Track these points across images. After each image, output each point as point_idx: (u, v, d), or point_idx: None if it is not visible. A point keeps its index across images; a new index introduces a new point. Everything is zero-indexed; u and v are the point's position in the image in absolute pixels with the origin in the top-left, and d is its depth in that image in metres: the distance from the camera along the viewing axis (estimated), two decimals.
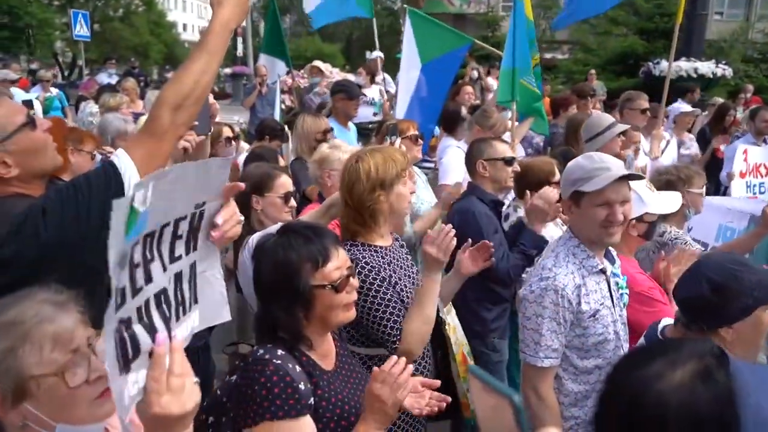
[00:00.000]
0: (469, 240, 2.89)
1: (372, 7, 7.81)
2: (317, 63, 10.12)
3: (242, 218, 1.48)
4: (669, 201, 3.37)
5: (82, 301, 1.42)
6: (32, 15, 33.89)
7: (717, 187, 7.41)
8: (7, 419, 1.29)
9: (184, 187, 1.23)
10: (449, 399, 2.12)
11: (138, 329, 1.16)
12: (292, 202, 3.59)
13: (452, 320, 2.92)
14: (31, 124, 1.97)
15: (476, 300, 3.57)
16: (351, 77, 10.41)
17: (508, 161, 3.70)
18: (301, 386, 1.85)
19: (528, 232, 3.52)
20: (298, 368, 1.89)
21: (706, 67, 11.62)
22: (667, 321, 2.32)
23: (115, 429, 1.40)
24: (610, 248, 2.64)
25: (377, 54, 9.90)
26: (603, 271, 2.52)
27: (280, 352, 1.89)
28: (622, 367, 1.44)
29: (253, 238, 2.81)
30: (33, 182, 1.99)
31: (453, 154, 5.26)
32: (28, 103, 8.56)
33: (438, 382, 2.17)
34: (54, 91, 11.35)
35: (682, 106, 7.77)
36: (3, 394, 1.28)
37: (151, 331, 1.19)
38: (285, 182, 3.50)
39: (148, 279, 1.18)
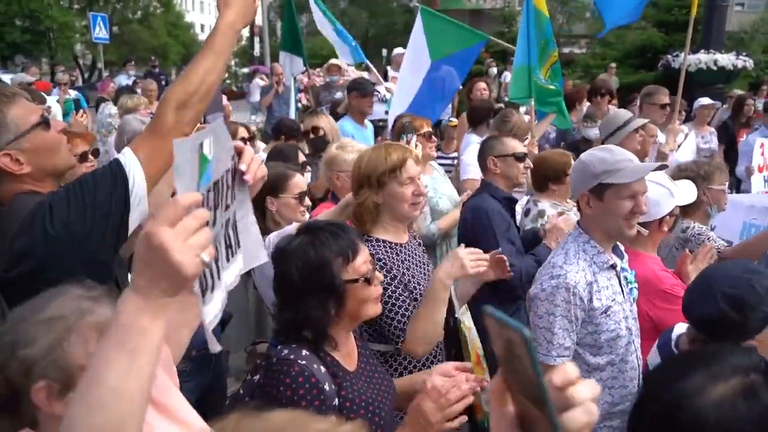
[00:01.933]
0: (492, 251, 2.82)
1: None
2: (335, 61, 10.11)
3: (262, 157, 1.55)
4: (686, 191, 3.38)
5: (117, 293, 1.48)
6: (53, 18, 34.30)
7: (737, 181, 7.32)
8: (53, 411, 1.31)
9: (224, 141, 1.31)
10: (486, 380, 2.05)
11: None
12: (307, 202, 3.61)
13: (468, 321, 2.92)
14: (45, 124, 2.04)
15: (490, 297, 3.55)
16: (366, 75, 10.42)
17: (520, 157, 3.68)
18: (326, 387, 1.85)
19: (543, 246, 3.52)
20: (323, 369, 1.89)
21: (727, 59, 11.42)
22: (680, 329, 2.26)
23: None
24: (619, 243, 2.62)
25: (403, 50, 9.91)
26: (613, 267, 2.51)
27: (304, 352, 1.89)
28: (661, 375, 1.40)
29: (269, 239, 2.84)
30: (46, 180, 2.05)
31: (473, 151, 5.26)
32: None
33: (469, 364, 2.14)
34: (72, 93, 11.49)
35: (702, 100, 7.70)
36: (50, 387, 1.31)
37: (214, 269, 1.26)
38: (299, 182, 3.52)
39: (213, 224, 1.23)
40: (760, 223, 4.27)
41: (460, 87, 7.00)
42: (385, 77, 9.15)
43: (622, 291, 2.54)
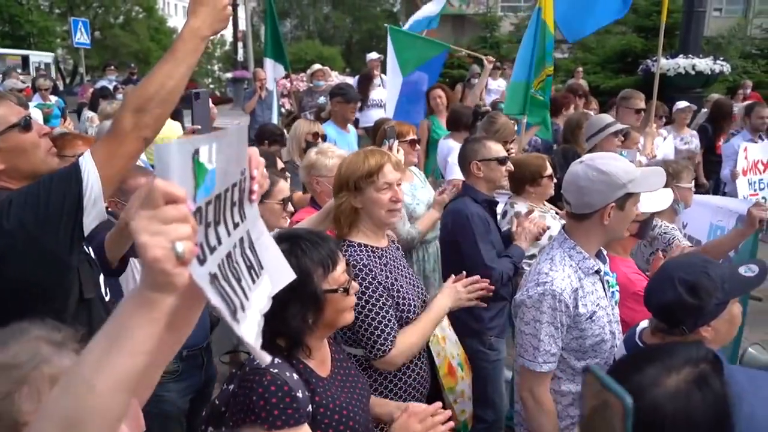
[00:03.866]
0: (463, 273, 2.83)
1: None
2: (318, 66, 10.08)
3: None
4: (658, 199, 3.40)
5: (80, 334, 1.35)
6: (33, 23, 34.05)
7: (717, 184, 7.42)
8: None
9: (236, 151, 1.19)
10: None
11: (228, 285, 1.09)
12: (290, 207, 3.61)
13: (441, 331, 2.89)
14: (23, 125, 2.11)
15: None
16: (350, 80, 10.43)
17: (502, 161, 3.70)
18: (299, 394, 1.84)
19: (515, 247, 3.57)
20: (295, 376, 1.88)
21: (704, 64, 11.55)
22: (644, 324, 2.31)
23: None
24: (602, 248, 2.64)
25: (377, 55, 9.93)
26: (598, 272, 2.51)
27: (276, 360, 1.87)
28: (617, 372, 1.44)
29: None
30: (21, 180, 2.11)
31: (456, 154, 5.32)
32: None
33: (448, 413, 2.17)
34: (53, 99, 11.41)
35: (679, 104, 7.81)
36: None
37: (238, 289, 1.11)
38: (283, 188, 3.51)
39: (218, 241, 1.11)
40: (724, 225, 4.37)
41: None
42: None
43: (606, 295, 2.54)
